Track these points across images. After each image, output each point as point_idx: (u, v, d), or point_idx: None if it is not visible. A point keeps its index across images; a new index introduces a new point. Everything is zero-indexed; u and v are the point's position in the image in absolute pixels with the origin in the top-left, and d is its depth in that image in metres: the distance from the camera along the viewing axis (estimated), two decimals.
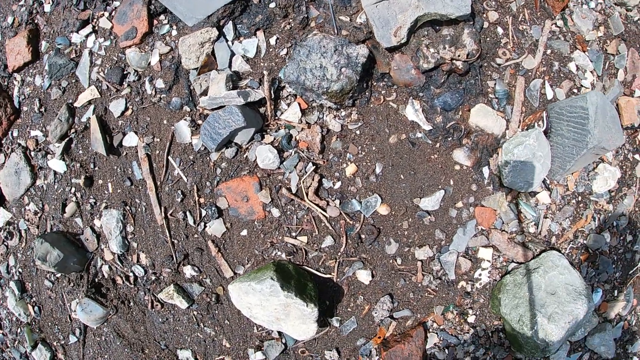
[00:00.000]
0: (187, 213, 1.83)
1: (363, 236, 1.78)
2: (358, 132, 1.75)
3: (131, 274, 1.94)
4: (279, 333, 1.91)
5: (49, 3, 2.04)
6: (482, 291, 1.91)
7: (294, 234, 1.78)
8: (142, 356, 2.05)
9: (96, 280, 2.01)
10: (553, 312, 1.71)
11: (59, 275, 2.06)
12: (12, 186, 2.09)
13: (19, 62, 2.04)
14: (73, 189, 1.97)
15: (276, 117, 1.77)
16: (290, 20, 1.75)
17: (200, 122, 1.80)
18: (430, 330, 1.91)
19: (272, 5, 1.74)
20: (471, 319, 1.93)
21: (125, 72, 1.88)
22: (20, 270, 2.17)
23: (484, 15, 1.76)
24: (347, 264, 1.82)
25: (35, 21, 2.08)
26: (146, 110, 1.86)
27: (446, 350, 1.94)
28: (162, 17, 1.85)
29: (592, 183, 1.99)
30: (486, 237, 1.85)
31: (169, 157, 1.83)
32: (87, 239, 1.97)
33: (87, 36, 1.96)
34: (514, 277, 1.84)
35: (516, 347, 1.93)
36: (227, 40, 1.78)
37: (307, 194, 1.74)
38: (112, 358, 2.10)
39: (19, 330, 2.26)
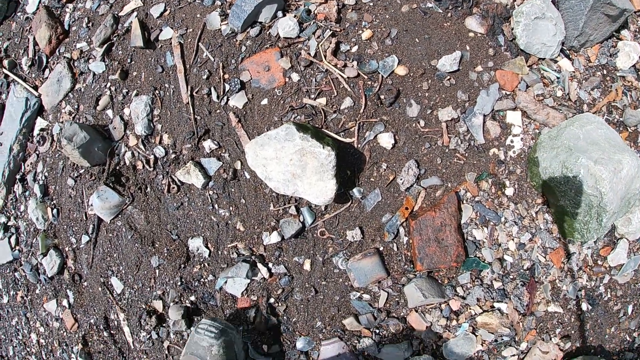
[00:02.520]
0: (212, 89, 1.90)
1: (382, 97, 1.77)
2: (372, 4, 1.87)
3: (152, 157, 1.95)
4: (297, 209, 1.78)
5: None
6: (518, 161, 1.77)
7: (313, 97, 1.79)
8: (152, 250, 1.92)
9: (117, 168, 2.01)
10: (598, 158, 1.54)
11: (82, 171, 2.09)
12: (52, 94, 2.27)
13: None
14: (109, 84, 2.11)
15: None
16: None
17: (229, 11, 1.99)
18: (464, 201, 1.73)
19: None
20: (509, 191, 1.75)
21: None
22: (46, 174, 2.21)
23: None
24: (367, 127, 1.77)
25: None
26: (182, 9, 2.09)
27: (485, 229, 1.72)
28: None
29: (615, 60, 1.95)
30: (512, 100, 1.78)
31: (199, 43, 1.99)
32: (115, 127, 2.04)
33: None
34: (549, 134, 1.71)
35: (567, 227, 1.69)
36: None
37: (325, 56, 1.80)
38: (121, 256, 1.97)
39: (34, 240, 2.20)
